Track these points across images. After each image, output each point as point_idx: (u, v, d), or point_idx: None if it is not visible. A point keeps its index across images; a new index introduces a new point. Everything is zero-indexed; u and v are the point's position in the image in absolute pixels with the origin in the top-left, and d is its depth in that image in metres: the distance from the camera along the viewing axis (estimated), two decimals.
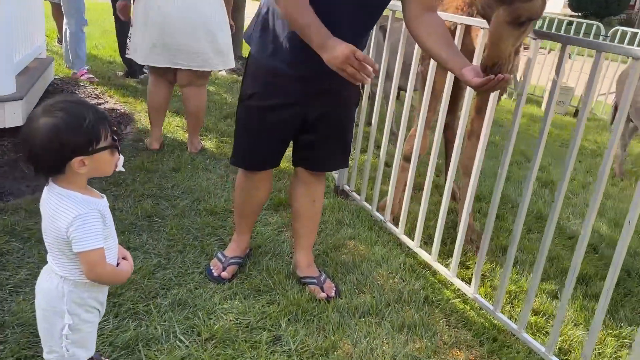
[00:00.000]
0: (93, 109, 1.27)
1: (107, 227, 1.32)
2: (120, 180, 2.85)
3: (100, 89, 4.61)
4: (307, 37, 1.63)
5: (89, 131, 1.23)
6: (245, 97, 1.95)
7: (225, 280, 2.12)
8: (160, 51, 3.06)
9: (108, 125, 1.28)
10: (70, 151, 1.22)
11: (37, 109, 1.24)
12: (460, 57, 1.67)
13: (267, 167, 2.08)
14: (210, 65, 3.18)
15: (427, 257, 2.35)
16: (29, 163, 1.26)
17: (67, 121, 1.21)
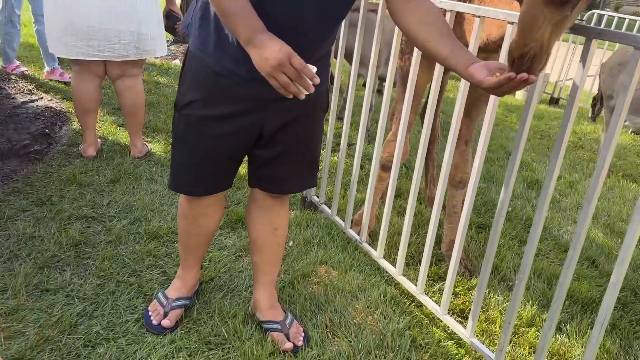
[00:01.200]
0: None
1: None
2: (45, 198, 2.39)
3: (35, 83, 4.06)
4: (233, 28, 1.26)
5: None
6: (183, 105, 1.53)
7: (167, 331, 1.71)
8: (73, 38, 2.58)
9: None
10: None
11: None
12: (465, 52, 1.28)
13: (214, 191, 1.67)
14: (134, 53, 2.71)
15: (413, 289, 1.99)
16: None
17: None
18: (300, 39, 1.38)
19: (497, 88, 1.17)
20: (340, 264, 2.18)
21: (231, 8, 1.26)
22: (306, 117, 1.58)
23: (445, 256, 2.32)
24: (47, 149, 3.00)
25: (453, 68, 1.27)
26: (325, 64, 1.57)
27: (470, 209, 1.71)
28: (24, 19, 6.38)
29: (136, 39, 2.67)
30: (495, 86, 1.16)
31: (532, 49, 1.09)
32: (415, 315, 1.93)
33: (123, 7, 2.59)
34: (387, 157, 2.21)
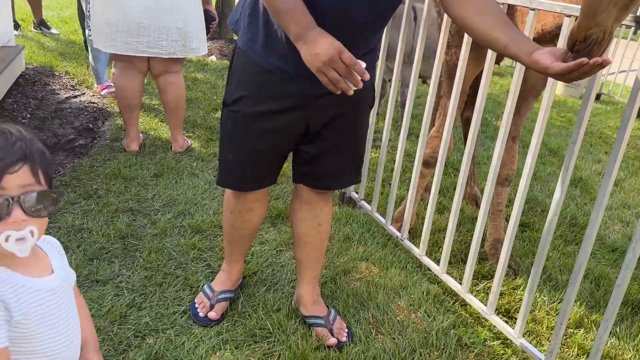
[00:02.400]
0: (14, 138, 0.87)
1: (23, 322, 0.91)
2: (92, 192, 2.45)
3: (78, 79, 4.17)
4: (284, 24, 1.27)
5: None
6: (231, 102, 1.54)
7: (214, 323, 1.74)
8: (123, 35, 2.64)
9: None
10: None
11: None
12: (526, 39, 1.24)
13: (260, 186, 1.68)
14: (181, 51, 2.77)
15: (457, 287, 1.96)
16: None
17: None
18: (349, 33, 1.38)
19: (567, 74, 1.13)
20: (381, 261, 2.17)
21: (282, 4, 1.26)
22: (352, 113, 1.58)
23: (488, 255, 2.29)
24: (91, 143, 3.07)
25: (514, 56, 1.24)
26: (372, 59, 1.56)
27: (520, 208, 1.67)
28: (65, 15, 6.57)
29: (183, 36, 2.72)
30: (565, 72, 1.12)
31: (595, 34, 1.05)
32: (460, 314, 1.91)
33: (170, 4, 2.64)
34: (431, 153, 2.19)
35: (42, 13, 5.63)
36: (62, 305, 0.98)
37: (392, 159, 3.18)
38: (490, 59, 1.70)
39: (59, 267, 1.01)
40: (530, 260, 2.31)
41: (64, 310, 0.99)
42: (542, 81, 1.99)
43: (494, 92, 5.74)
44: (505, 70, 7.00)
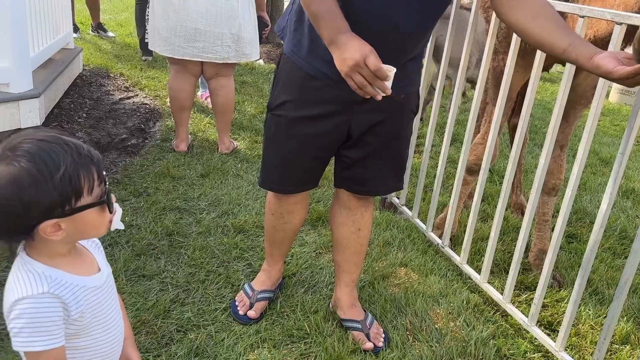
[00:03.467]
0: (74, 149, 0.90)
1: (79, 319, 0.96)
2: (141, 190, 2.55)
3: (131, 81, 4.34)
4: (319, 29, 1.29)
5: (64, 185, 0.88)
6: (276, 106, 1.58)
7: (253, 321, 1.78)
8: (180, 39, 2.75)
9: (96, 171, 0.92)
10: (39, 213, 0.88)
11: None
12: (586, 43, 1.21)
13: (301, 189, 1.71)
14: (234, 56, 2.86)
15: (498, 297, 1.93)
16: None
17: (31, 172, 0.86)
18: (396, 41, 1.39)
19: (631, 78, 1.10)
20: (421, 268, 2.16)
21: (318, 10, 1.28)
22: (395, 119, 1.58)
23: (532, 265, 2.23)
24: (143, 143, 3.19)
25: (574, 61, 1.21)
26: (417, 64, 1.57)
27: (566, 218, 1.64)
28: (121, 19, 6.83)
29: (236, 42, 2.82)
30: (629, 76, 1.10)
31: None
32: (500, 325, 1.88)
33: (226, 10, 2.74)
34: (475, 160, 2.16)
35: (100, 17, 5.89)
36: (109, 300, 1.03)
37: (434, 165, 3.15)
38: (538, 65, 1.67)
39: (103, 264, 1.07)
40: (576, 273, 2.24)
41: (111, 306, 1.04)
42: (592, 89, 1.93)
43: (545, 99, 5.58)
44: (557, 76, 6.79)
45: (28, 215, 0.87)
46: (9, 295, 0.91)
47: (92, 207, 0.92)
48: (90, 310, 0.98)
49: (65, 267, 0.96)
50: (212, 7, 2.70)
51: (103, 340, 1.03)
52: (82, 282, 0.98)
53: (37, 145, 0.88)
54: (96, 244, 1.11)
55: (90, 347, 1.02)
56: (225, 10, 2.73)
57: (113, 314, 1.05)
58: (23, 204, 0.86)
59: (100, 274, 1.02)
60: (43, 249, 0.93)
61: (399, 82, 1.51)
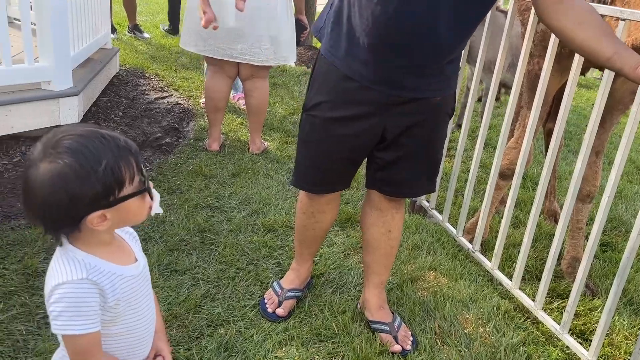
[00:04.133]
0: (112, 142, 0.93)
1: (115, 307, 1.00)
2: (175, 187, 2.60)
3: (166, 81, 4.43)
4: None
5: (107, 177, 0.91)
6: (311, 106, 1.59)
7: (281, 319, 1.80)
8: (219, 41, 2.79)
9: (134, 161, 0.96)
10: (85, 206, 0.92)
11: (36, 149, 0.92)
12: (631, 52, 1.19)
13: (333, 190, 1.72)
14: (273, 59, 2.89)
15: (530, 304, 1.90)
16: (34, 221, 0.95)
17: (74, 168, 0.89)
18: (433, 42, 1.39)
19: None
20: (450, 272, 2.14)
21: None
22: (431, 121, 1.58)
23: (565, 273, 2.19)
24: (176, 142, 3.26)
25: (618, 70, 1.20)
26: (455, 68, 1.56)
27: (601, 226, 1.60)
28: (157, 21, 6.97)
29: (275, 45, 2.85)
30: None
31: None
32: (531, 332, 1.85)
33: (265, 13, 2.78)
34: (508, 164, 2.14)
35: (137, 18, 6.03)
36: (144, 289, 1.06)
37: (465, 169, 3.13)
38: (575, 70, 1.65)
39: (140, 255, 1.10)
40: (610, 282, 2.18)
41: (145, 295, 1.07)
42: (630, 95, 1.89)
43: (580, 105, 5.47)
44: (593, 82, 6.64)
45: (75, 208, 0.91)
46: (50, 280, 0.95)
47: (135, 196, 0.95)
48: (126, 298, 1.01)
49: (104, 255, 0.99)
50: (252, 10, 2.73)
51: (136, 328, 1.06)
52: (120, 270, 1.01)
53: (77, 140, 0.91)
54: (133, 236, 1.14)
55: (123, 334, 1.05)
56: (264, 13, 2.77)
57: (147, 303, 1.08)
58: (70, 198, 0.90)
59: (137, 264, 1.06)
60: (87, 239, 0.97)
61: (437, 85, 1.52)
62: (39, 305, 1.71)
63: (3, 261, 1.88)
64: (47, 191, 0.89)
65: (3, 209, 2.24)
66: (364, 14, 1.40)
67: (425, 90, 1.51)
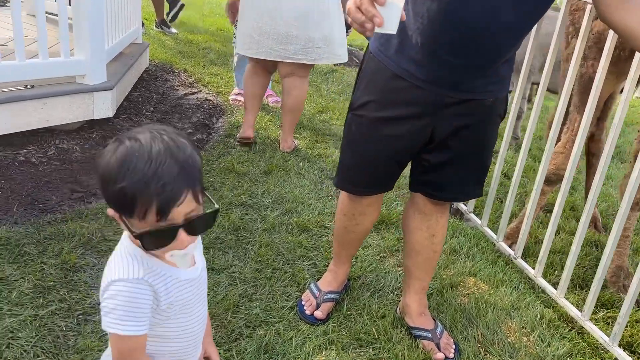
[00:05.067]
0: (178, 164, 0.85)
1: (167, 309, 0.97)
2: (208, 184, 2.58)
3: (195, 77, 4.42)
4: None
5: (119, 195, 0.85)
6: (358, 106, 1.55)
7: (320, 322, 1.76)
8: (272, 42, 2.81)
9: (157, 201, 0.84)
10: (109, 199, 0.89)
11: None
12: None
13: (377, 191, 1.68)
14: (326, 58, 2.89)
15: (577, 314, 1.84)
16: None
17: (115, 162, 0.86)
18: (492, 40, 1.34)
19: None
20: (491, 278, 2.09)
21: None
22: (482, 123, 1.53)
23: (609, 282, 2.12)
24: (207, 138, 3.24)
25: None
26: (510, 69, 1.51)
27: None
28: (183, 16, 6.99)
29: (328, 43, 2.84)
30: None
31: None
32: (577, 343, 1.79)
33: (318, 13, 2.76)
34: (554, 169, 2.07)
35: (164, 13, 6.04)
36: (199, 293, 1.03)
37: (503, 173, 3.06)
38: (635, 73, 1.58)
39: (199, 258, 1.07)
40: None
41: (199, 298, 1.04)
42: None
43: None
44: None
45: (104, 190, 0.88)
46: (109, 274, 0.92)
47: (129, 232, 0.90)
48: (179, 301, 0.98)
49: (162, 257, 0.96)
50: (304, 11, 2.73)
51: (187, 331, 1.04)
52: (176, 273, 0.98)
53: (169, 138, 0.87)
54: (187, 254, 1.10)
55: (175, 337, 1.02)
56: (318, 13, 2.76)
57: (200, 306, 1.06)
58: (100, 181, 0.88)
59: (195, 267, 1.03)
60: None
61: (492, 86, 1.47)
62: (78, 301, 1.70)
63: (41, 255, 1.87)
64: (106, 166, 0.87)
65: (39, 203, 2.24)
66: (419, 11, 1.35)
67: (481, 91, 1.46)
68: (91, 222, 2.12)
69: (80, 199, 2.34)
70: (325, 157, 3.08)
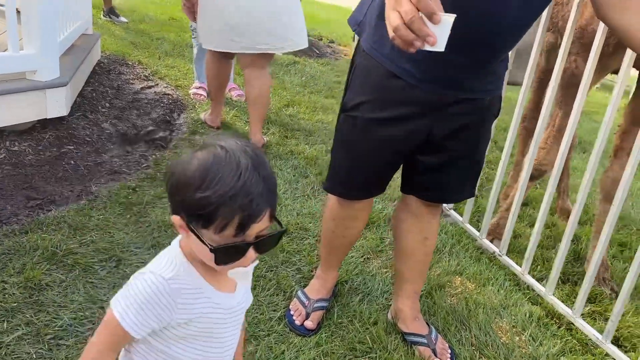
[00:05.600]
0: (262, 181, 0.81)
1: (182, 325, 0.88)
2: None
3: (150, 69, 4.20)
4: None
5: (195, 204, 0.80)
6: (351, 107, 1.47)
7: (311, 333, 1.68)
8: (231, 34, 2.73)
9: (240, 219, 0.79)
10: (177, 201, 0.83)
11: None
12: None
13: (370, 195, 1.61)
14: (289, 45, 2.85)
15: (567, 312, 1.84)
16: None
17: (196, 171, 0.80)
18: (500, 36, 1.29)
19: None
20: (477, 276, 2.07)
21: None
22: (479, 123, 1.49)
23: None
24: (170, 136, 3.07)
25: None
26: (505, 67, 1.47)
27: None
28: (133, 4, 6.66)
29: (288, 31, 2.78)
30: None
31: None
32: (568, 340, 1.79)
33: (278, 2, 2.72)
34: (536, 165, 2.07)
35: (112, 1, 5.72)
36: (228, 324, 0.93)
37: None
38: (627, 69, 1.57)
39: (241, 289, 0.96)
40: None
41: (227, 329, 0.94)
42: None
43: None
44: None
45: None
46: (150, 264, 0.88)
47: (201, 243, 0.82)
48: (201, 322, 0.89)
49: (202, 270, 0.88)
50: (265, 1, 2.68)
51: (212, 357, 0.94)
52: (210, 292, 0.89)
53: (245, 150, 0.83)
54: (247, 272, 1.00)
55: None
56: (277, 3, 2.71)
57: (226, 338, 0.95)
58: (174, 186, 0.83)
59: (233, 295, 0.92)
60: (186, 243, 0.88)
61: (491, 85, 1.43)
62: (47, 324, 1.54)
63: (1, 273, 1.70)
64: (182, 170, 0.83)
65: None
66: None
67: (479, 90, 1.41)
68: (54, 233, 1.95)
69: (38, 206, 2.15)
70: (297, 154, 2.98)
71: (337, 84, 4.60)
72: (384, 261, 2.12)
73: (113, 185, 2.37)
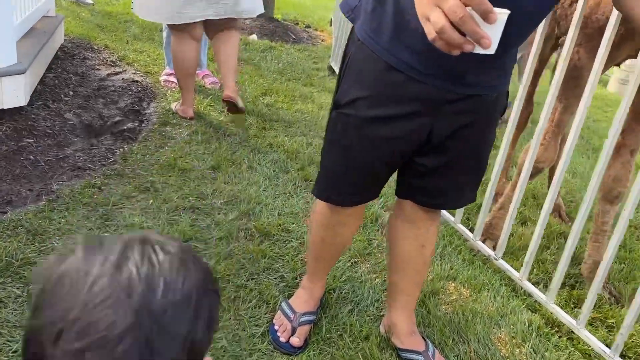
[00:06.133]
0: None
1: None
2: (148, 184, 2.24)
3: (117, 54, 3.94)
4: None
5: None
6: (344, 103, 1.31)
7: (298, 351, 1.53)
8: (176, 5, 2.60)
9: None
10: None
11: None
12: None
13: (364, 200, 1.46)
14: (235, 12, 2.74)
15: (571, 322, 1.74)
16: None
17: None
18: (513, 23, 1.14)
19: None
20: (471, 281, 1.95)
21: None
22: (483, 121, 1.35)
23: (586, 279, 2.05)
24: (139, 127, 2.86)
25: None
26: (513, 60, 1.33)
27: None
28: None
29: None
30: None
31: None
32: (571, 352, 1.69)
33: None
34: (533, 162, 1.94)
35: None
36: None
37: None
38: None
39: None
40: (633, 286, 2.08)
41: None
42: None
43: None
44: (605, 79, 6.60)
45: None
46: None
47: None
48: None
49: None
50: None
51: None
52: None
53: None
54: None
55: None
56: None
57: None
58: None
59: None
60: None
61: (497, 80, 1.29)
62: (1, 347, 1.36)
63: None
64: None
65: None
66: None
67: (485, 85, 1.27)
68: (9, 240, 1.74)
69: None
70: (276, 147, 2.81)
71: (315, 70, 4.42)
72: (373, 266, 1.98)
73: (76, 183, 2.17)
